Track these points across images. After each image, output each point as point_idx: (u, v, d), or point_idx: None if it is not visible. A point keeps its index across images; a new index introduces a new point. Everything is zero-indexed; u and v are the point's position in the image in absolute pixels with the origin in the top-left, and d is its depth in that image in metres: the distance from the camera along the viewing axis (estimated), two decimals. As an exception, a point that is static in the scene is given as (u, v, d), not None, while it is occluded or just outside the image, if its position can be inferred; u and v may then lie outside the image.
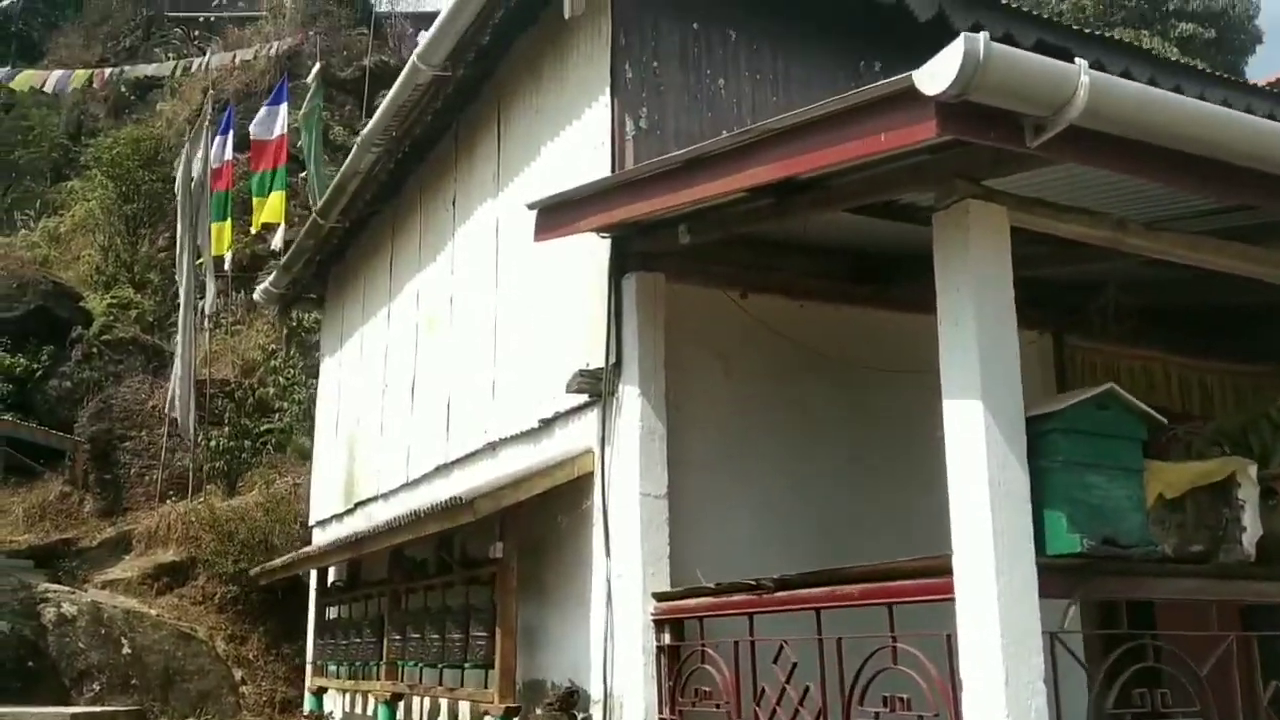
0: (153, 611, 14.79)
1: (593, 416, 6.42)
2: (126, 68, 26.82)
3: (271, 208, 22.62)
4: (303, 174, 25.05)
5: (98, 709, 12.66)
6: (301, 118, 20.31)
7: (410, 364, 9.67)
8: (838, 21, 7.25)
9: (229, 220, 20.96)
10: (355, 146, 9.33)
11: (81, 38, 37.82)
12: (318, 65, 19.17)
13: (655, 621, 5.71)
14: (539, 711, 6.22)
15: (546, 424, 6.94)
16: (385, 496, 10.06)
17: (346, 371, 11.80)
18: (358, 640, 9.25)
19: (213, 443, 18.74)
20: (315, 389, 17.46)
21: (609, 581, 6.03)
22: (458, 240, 8.85)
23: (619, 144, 6.42)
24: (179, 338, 19.57)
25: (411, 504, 9.23)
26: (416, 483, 9.21)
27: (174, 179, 26.39)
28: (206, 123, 21.11)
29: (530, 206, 6.16)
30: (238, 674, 14.89)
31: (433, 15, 7.97)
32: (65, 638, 13.84)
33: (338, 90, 31.83)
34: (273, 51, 28.97)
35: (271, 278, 12.67)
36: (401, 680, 8.29)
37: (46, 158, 34.90)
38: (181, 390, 18.87)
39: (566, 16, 6.20)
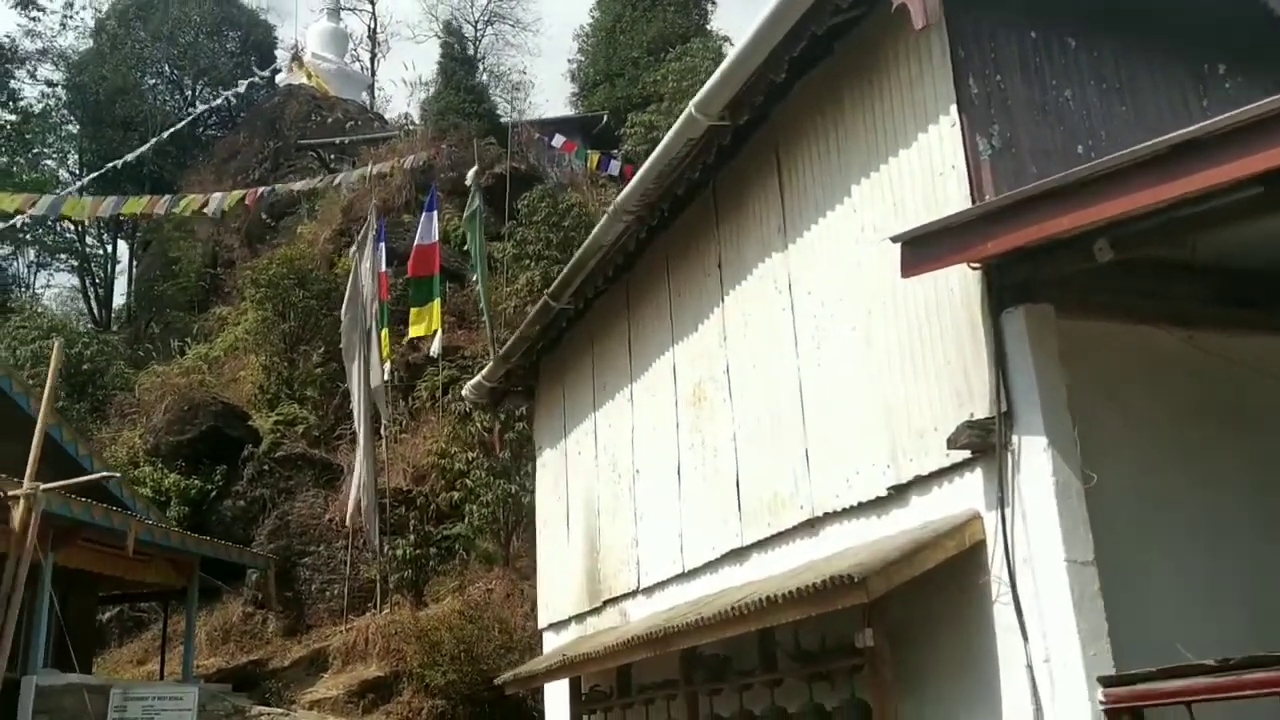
0: (369, 732, 14.14)
1: (974, 476, 5.58)
2: (277, 185, 27.40)
3: (432, 314, 22.64)
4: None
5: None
6: (465, 220, 20.23)
7: (671, 445, 8.97)
8: (1179, 24, 6.50)
9: (387, 329, 20.93)
10: (604, 218, 8.81)
11: (213, 174, 39.27)
12: (474, 169, 19.05)
13: (1108, 712, 4.76)
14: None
15: (899, 490, 6.10)
16: (648, 591, 9.27)
17: (575, 462, 11.16)
18: (641, 752, 8.40)
19: (399, 552, 18.27)
20: (503, 489, 16.99)
21: (1030, 669, 5.11)
22: (728, 306, 8.19)
23: (973, 165, 5.70)
24: (359, 449, 19.33)
25: (688, 596, 8.45)
26: (695, 572, 8.42)
27: (326, 295, 26.80)
28: (371, 232, 21.20)
29: (895, 240, 5.46)
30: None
31: (556, 120, 7.46)
32: (279, 758, 13.21)
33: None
34: (408, 164, 29.43)
35: (485, 371, 12.20)
36: (715, 796, 7.39)
37: (193, 287, 35.97)
38: (366, 501, 18.55)
39: (917, 27, 5.55)
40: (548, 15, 77.62)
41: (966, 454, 5.58)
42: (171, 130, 34.89)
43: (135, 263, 42.45)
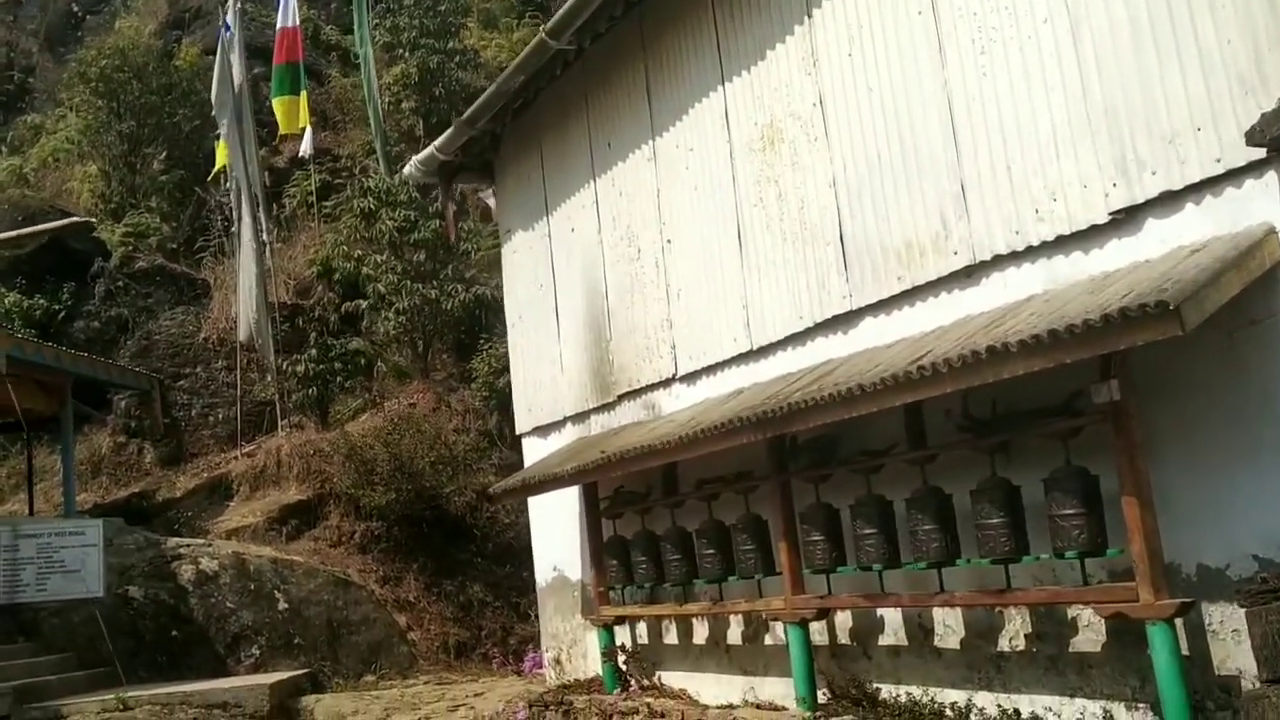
0: (299, 558, 12.65)
1: (1265, 183, 4.45)
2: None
3: (299, 107, 20.15)
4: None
5: (269, 678, 10.57)
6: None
7: (724, 203, 7.58)
8: None
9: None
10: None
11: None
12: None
13: None
14: (1239, 605, 4.34)
15: (1130, 213, 4.94)
16: (689, 378, 8.02)
17: (565, 243, 9.64)
18: (710, 552, 7.30)
19: (299, 368, 16.39)
20: (420, 294, 15.28)
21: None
22: (821, 22, 6.70)
23: None
24: (241, 254, 17.09)
25: (759, 376, 7.26)
26: (770, 349, 7.20)
27: (167, 91, 23.67)
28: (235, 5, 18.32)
29: None
30: (401, 620, 12.88)
31: None
32: (211, 598, 11.72)
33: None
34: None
35: (439, 141, 10.34)
36: (829, 591, 6.40)
37: (-1, 90, 31.70)
38: (254, 313, 16.47)
39: None
40: None
41: (1256, 154, 4.42)
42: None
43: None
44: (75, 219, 20.52)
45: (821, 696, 6.47)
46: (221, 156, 19.53)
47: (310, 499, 14.03)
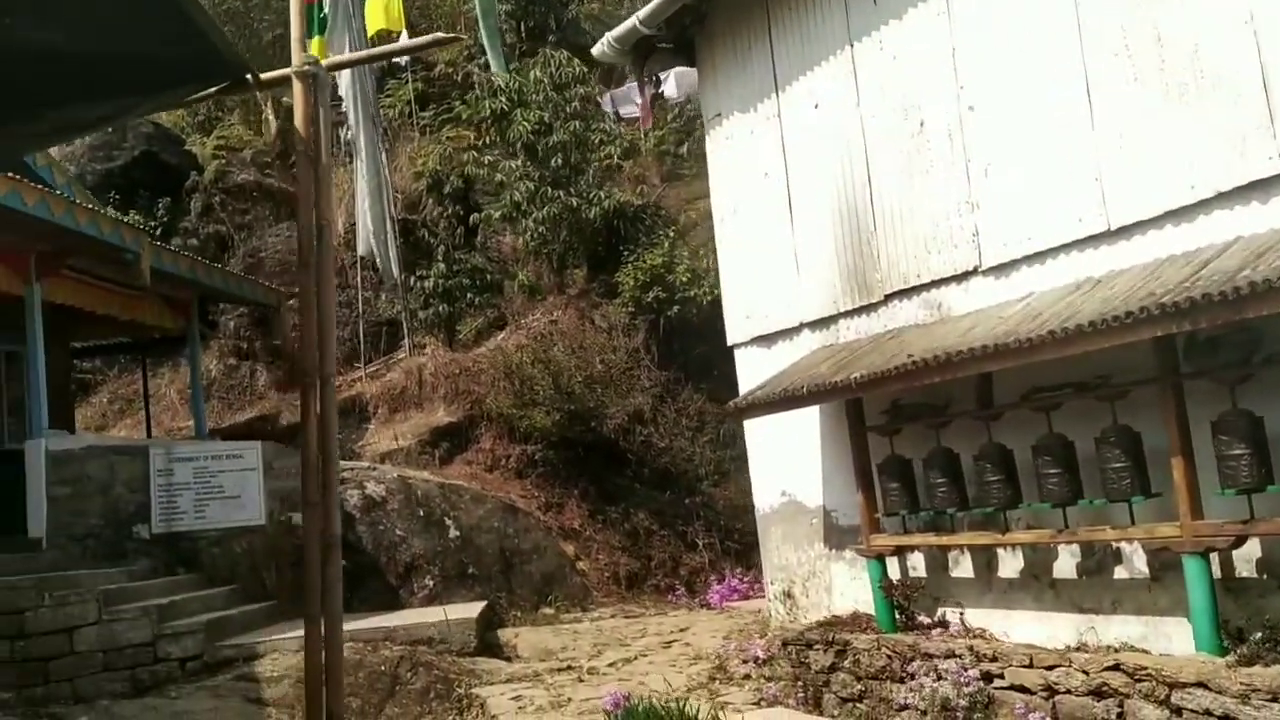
0: (463, 483, 11.72)
1: None
2: None
3: (391, 6, 18.86)
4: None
5: (469, 610, 9.68)
6: None
7: (1069, 55, 6.35)
8: None
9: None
10: None
11: None
12: None
13: None
14: None
15: None
16: (1000, 270, 6.88)
17: (806, 122, 8.45)
18: (1053, 471, 6.21)
19: (427, 283, 15.35)
20: (561, 201, 14.17)
21: None
22: None
23: None
24: (357, 165, 15.97)
25: (1117, 262, 6.10)
26: (1136, 228, 6.03)
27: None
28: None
29: None
30: (569, 549, 11.96)
31: None
32: (379, 525, 10.81)
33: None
34: None
35: (646, 11, 9.08)
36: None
37: None
38: (374, 225, 15.41)
39: None
40: None
41: None
42: None
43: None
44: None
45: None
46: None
47: (460, 421, 13.08)
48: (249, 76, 3.70)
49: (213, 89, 3.84)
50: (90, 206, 10.16)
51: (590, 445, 13.01)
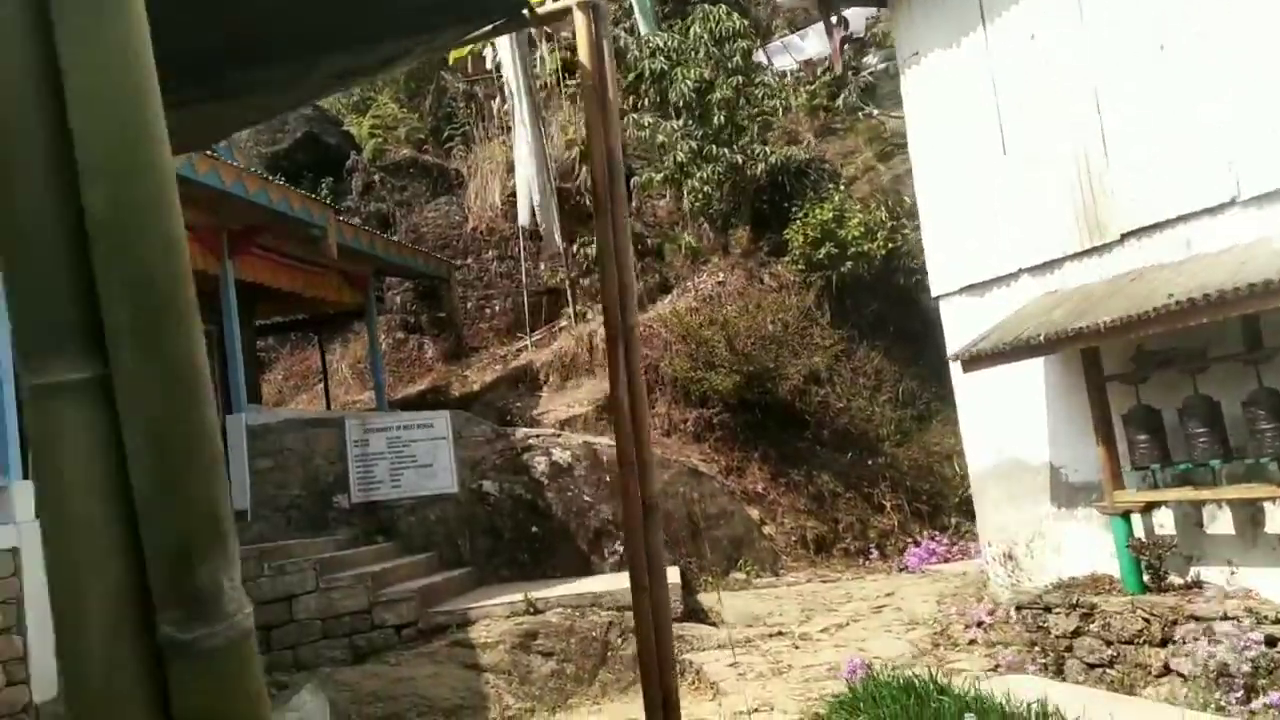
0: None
1: None
2: None
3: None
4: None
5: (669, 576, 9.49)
6: None
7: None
8: None
9: None
10: None
11: None
12: None
13: None
14: None
15: None
16: (1259, 201, 6.29)
17: (1017, 56, 7.92)
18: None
19: (590, 249, 15.21)
20: (726, 159, 13.81)
21: None
22: None
23: None
24: (517, 134, 15.87)
25: None
26: None
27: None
28: None
29: None
30: (753, 513, 11.70)
31: None
32: (567, 491, 10.72)
33: None
34: None
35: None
36: None
37: None
38: (537, 195, 15.29)
39: None
40: None
41: None
42: None
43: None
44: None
45: None
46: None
47: (635, 386, 12.90)
48: (525, 11, 3.51)
49: (487, 26, 3.67)
50: (281, 183, 10.28)
51: (767, 407, 12.72)
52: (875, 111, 19.66)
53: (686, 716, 7.24)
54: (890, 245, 13.78)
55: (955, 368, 8.80)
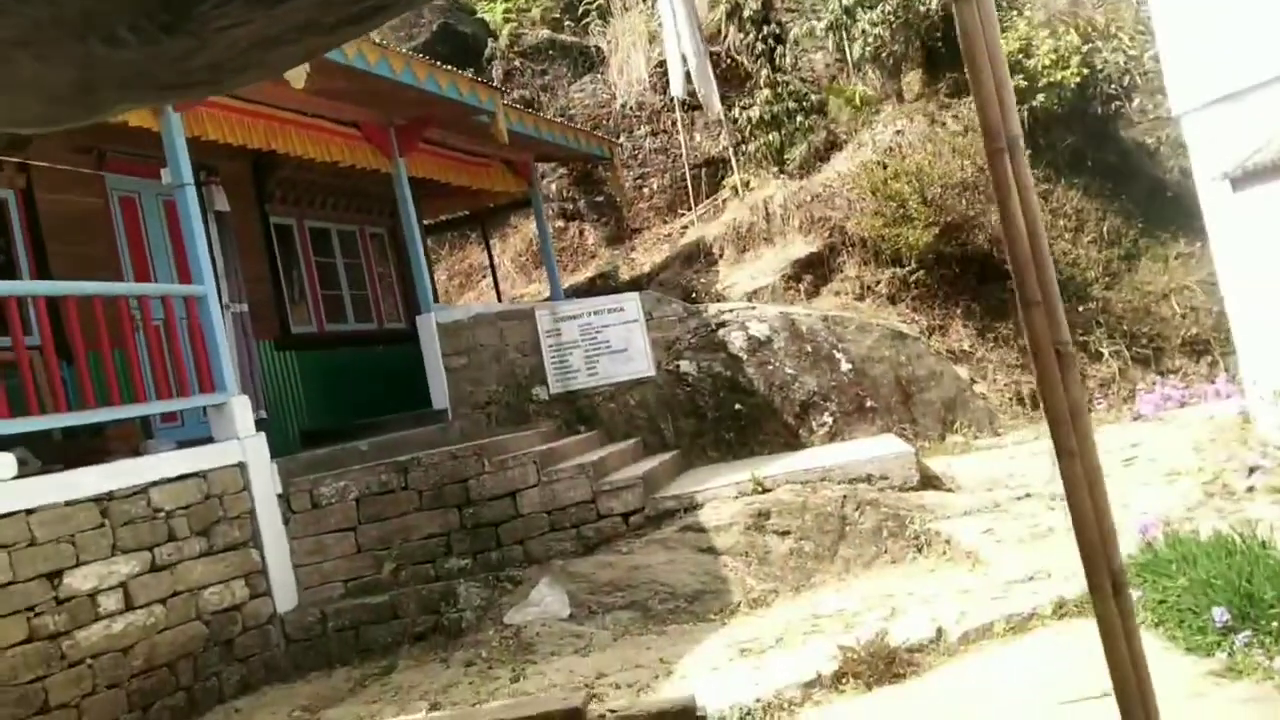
0: (847, 314, 10.98)
1: None
2: None
3: None
4: None
5: (901, 446, 9.01)
6: None
7: None
8: None
9: None
10: None
11: None
12: None
13: None
14: None
15: None
16: None
17: None
18: None
19: (752, 113, 14.44)
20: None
21: None
22: None
23: None
24: (662, -2, 15.04)
25: None
26: None
27: None
28: None
29: None
30: (962, 372, 11.02)
31: None
32: (768, 365, 10.25)
33: None
34: None
35: None
36: None
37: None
38: (693, 56, 14.52)
39: None
40: None
41: None
42: None
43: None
44: None
45: None
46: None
47: (820, 251, 12.29)
48: None
49: None
50: (447, 69, 9.86)
51: (965, 260, 11.92)
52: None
53: (948, 588, 6.83)
54: (1084, 72, 12.58)
55: (1205, 191, 7.91)
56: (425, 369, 10.23)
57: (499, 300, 15.39)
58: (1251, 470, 7.52)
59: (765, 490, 8.14)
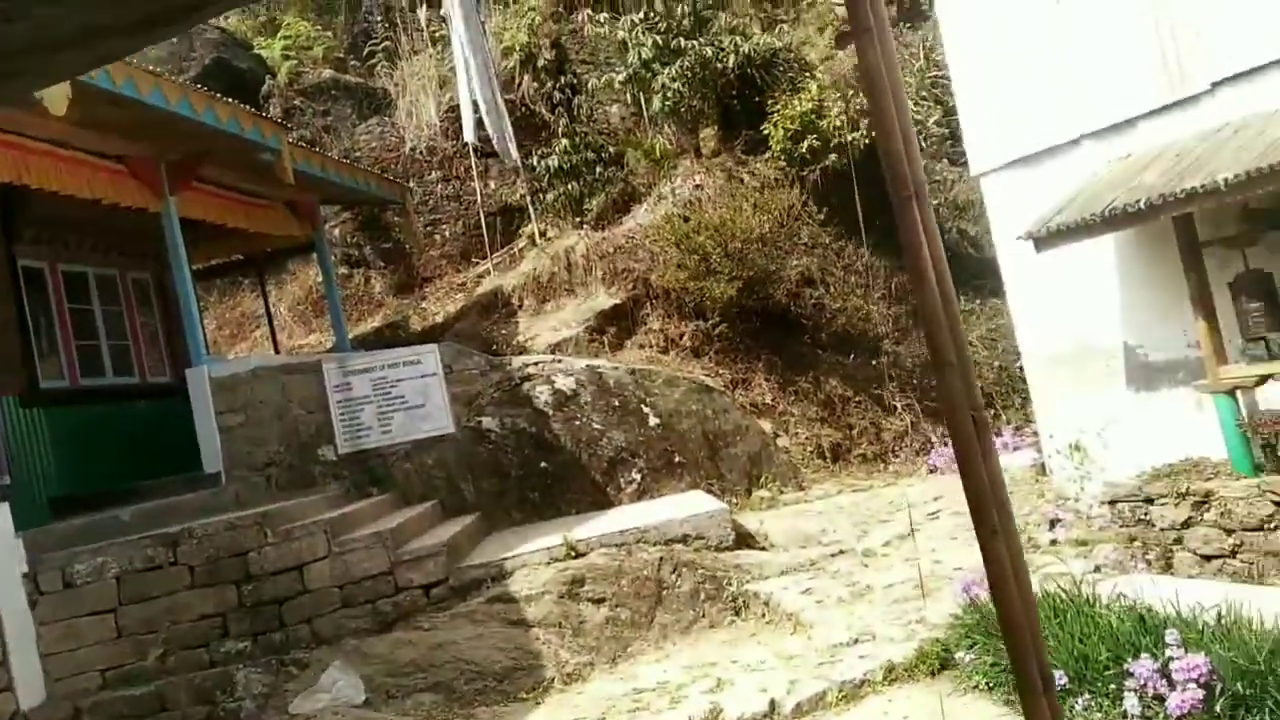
0: (654, 367, 10.75)
1: None
2: None
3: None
4: None
5: (713, 503, 8.80)
6: None
7: None
8: None
9: None
10: None
11: None
12: None
13: None
14: None
15: None
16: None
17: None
18: None
19: (550, 162, 14.16)
20: (696, 52, 12.83)
21: None
22: None
23: None
24: (456, 31, 14.63)
25: None
26: None
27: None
28: None
29: None
30: (765, 425, 11.01)
31: None
32: (575, 420, 9.89)
33: None
34: None
35: None
36: None
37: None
38: (484, 104, 14.16)
39: None
40: None
41: None
42: None
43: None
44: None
45: None
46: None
47: (624, 302, 12.03)
48: None
49: None
50: (229, 101, 9.04)
51: (765, 314, 11.96)
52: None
53: (772, 654, 6.56)
54: (872, 134, 12.95)
55: (1005, 250, 8.13)
56: (196, 428, 9.25)
57: (275, 351, 14.37)
58: (1052, 523, 7.68)
59: (578, 555, 7.69)
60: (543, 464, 9.76)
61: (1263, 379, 6.40)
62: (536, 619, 7.21)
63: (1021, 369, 12.42)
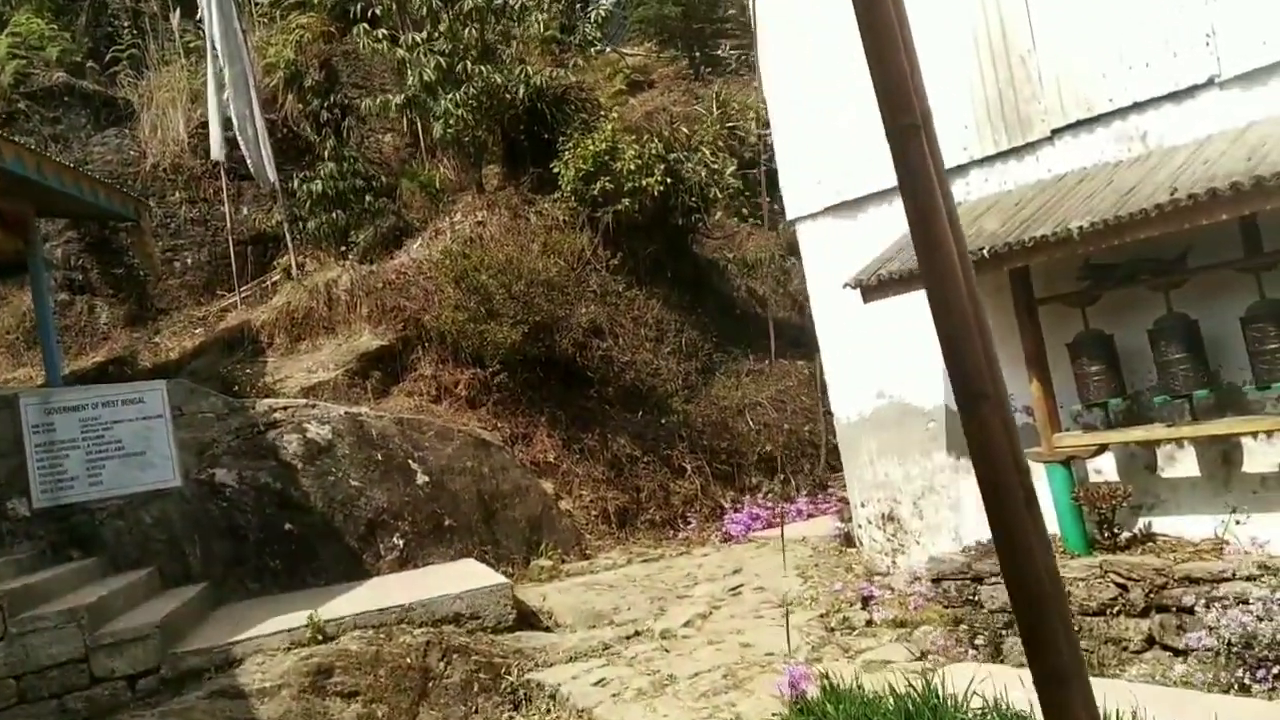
0: (424, 418, 9.55)
1: None
2: None
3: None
4: None
5: (494, 577, 7.68)
6: None
7: None
8: None
9: None
10: None
11: None
12: None
13: None
14: None
15: None
16: (1246, 80, 5.33)
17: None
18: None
19: (313, 186, 12.79)
20: (486, 76, 11.92)
21: None
22: None
23: None
24: (214, 48, 13.15)
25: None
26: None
27: None
28: None
29: None
30: (546, 486, 10.02)
31: None
32: (328, 476, 8.60)
33: None
34: None
35: None
36: None
37: None
38: (238, 121, 12.74)
39: None
40: None
41: None
42: None
43: None
44: None
45: None
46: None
47: (392, 344, 10.75)
48: None
49: None
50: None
51: (549, 364, 11.00)
52: (609, 48, 18.26)
53: (564, 762, 5.48)
54: (667, 181, 12.37)
55: (821, 302, 7.52)
56: None
57: (-23, 386, 12.16)
58: (866, 601, 7.01)
59: (327, 638, 6.37)
60: (288, 525, 8.33)
61: (1101, 448, 5.96)
62: (271, 718, 5.83)
63: (811, 432, 12.06)
